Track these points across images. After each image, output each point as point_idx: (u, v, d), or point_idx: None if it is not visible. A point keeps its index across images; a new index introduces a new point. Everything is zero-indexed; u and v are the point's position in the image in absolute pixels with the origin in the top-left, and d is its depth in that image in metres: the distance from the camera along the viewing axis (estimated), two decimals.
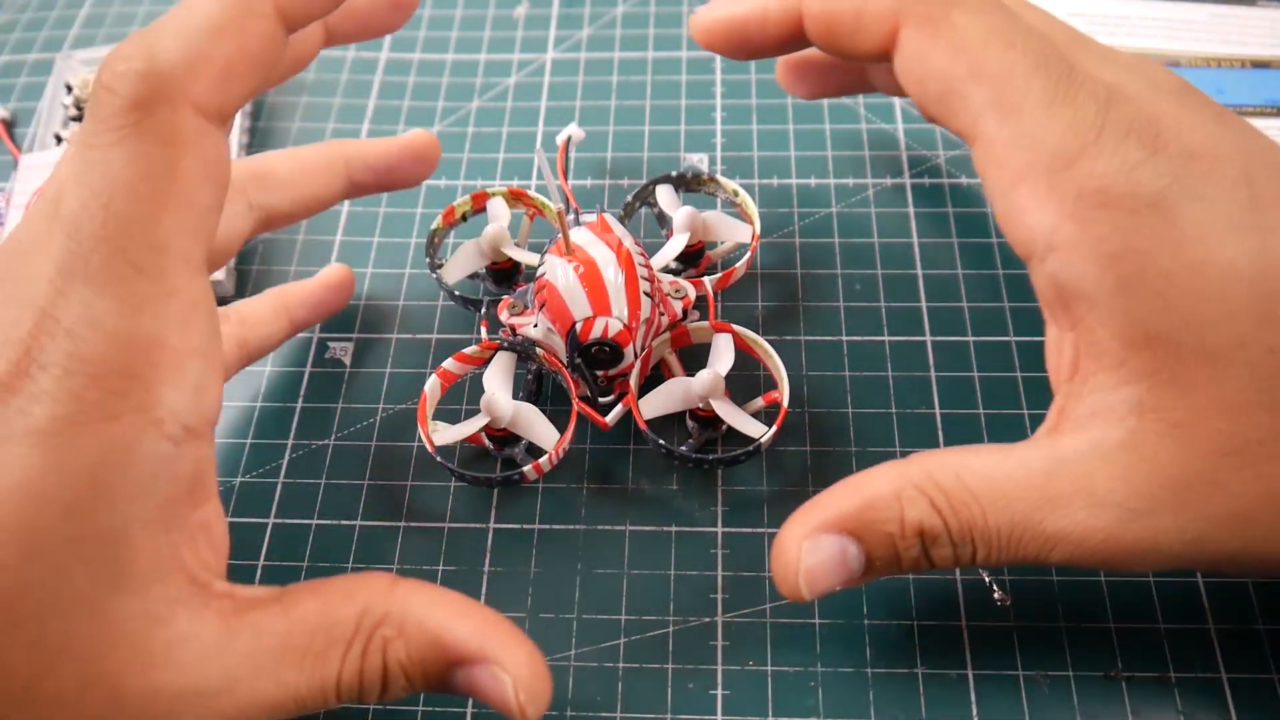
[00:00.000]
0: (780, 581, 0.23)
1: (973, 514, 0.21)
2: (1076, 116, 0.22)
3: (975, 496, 0.21)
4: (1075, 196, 0.21)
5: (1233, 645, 0.26)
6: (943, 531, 0.22)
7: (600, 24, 0.42)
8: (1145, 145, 0.21)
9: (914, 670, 0.26)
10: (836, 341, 0.32)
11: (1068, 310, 0.22)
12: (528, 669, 0.21)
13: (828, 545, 0.22)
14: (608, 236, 0.28)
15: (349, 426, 0.31)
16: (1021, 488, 0.21)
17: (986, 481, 0.22)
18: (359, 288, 0.34)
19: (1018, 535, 0.21)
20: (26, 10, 0.44)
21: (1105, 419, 0.21)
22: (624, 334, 0.27)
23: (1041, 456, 0.22)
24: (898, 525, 0.22)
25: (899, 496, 0.22)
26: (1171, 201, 0.21)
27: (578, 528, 0.29)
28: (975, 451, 0.22)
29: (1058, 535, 0.21)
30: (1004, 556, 0.22)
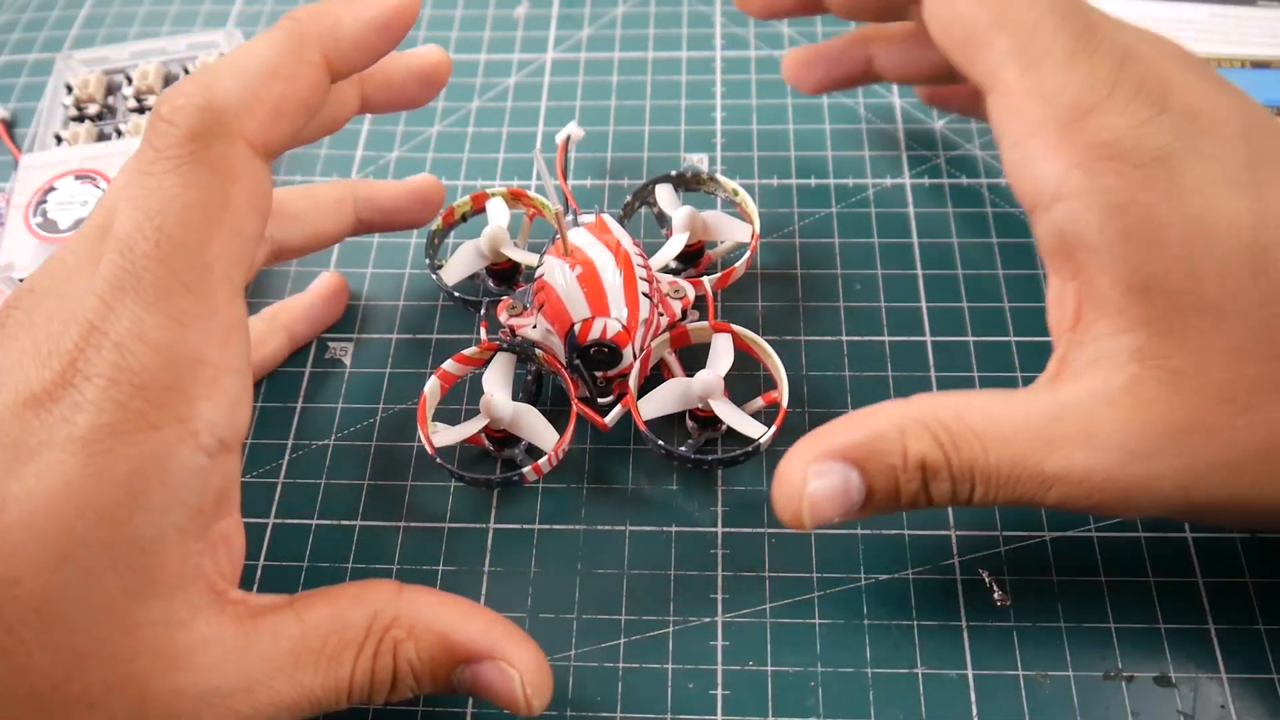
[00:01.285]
0: (783, 508, 0.23)
1: (974, 451, 0.22)
2: (1093, 72, 0.22)
3: (977, 434, 0.22)
4: (1085, 147, 0.22)
5: (1233, 645, 0.26)
6: (944, 466, 0.22)
7: (600, 24, 0.42)
8: (1153, 103, 0.22)
9: (914, 670, 0.26)
10: (836, 341, 0.32)
11: (1070, 259, 0.23)
12: (534, 664, 0.22)
13: (832, 473, 0.22)
14: (606, 238, 0.28)
15: (349, 426, 0.31)
16: (1023, 428, 0.22)
17: (988, 421, 0.22)
18: (359, 287, 0.34)
19: (1017, 474, 0.22)
20: (26, 10, 0.45)
21: (1106, 366, 0.22)
22: (622, 335, 0.27)
23: (1043, 401, 0.22)
24: (901, 457, 0.22)
25: (903, 430, 0.22)
26: (1175, 157, 0.22)
27: (578, 528, 0.29)
28: (977, 394, 0.23)
29: (1056, 475, 0.21)
30: (1001, 495, 0.22)
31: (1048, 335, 0.32)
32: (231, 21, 0.43)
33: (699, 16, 0.42)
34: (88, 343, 0.20)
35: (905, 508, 0.23)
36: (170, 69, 0.40)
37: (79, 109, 0.39)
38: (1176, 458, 0.21)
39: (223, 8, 0.44)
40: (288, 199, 0.29)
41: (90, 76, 0.39)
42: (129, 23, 0.44)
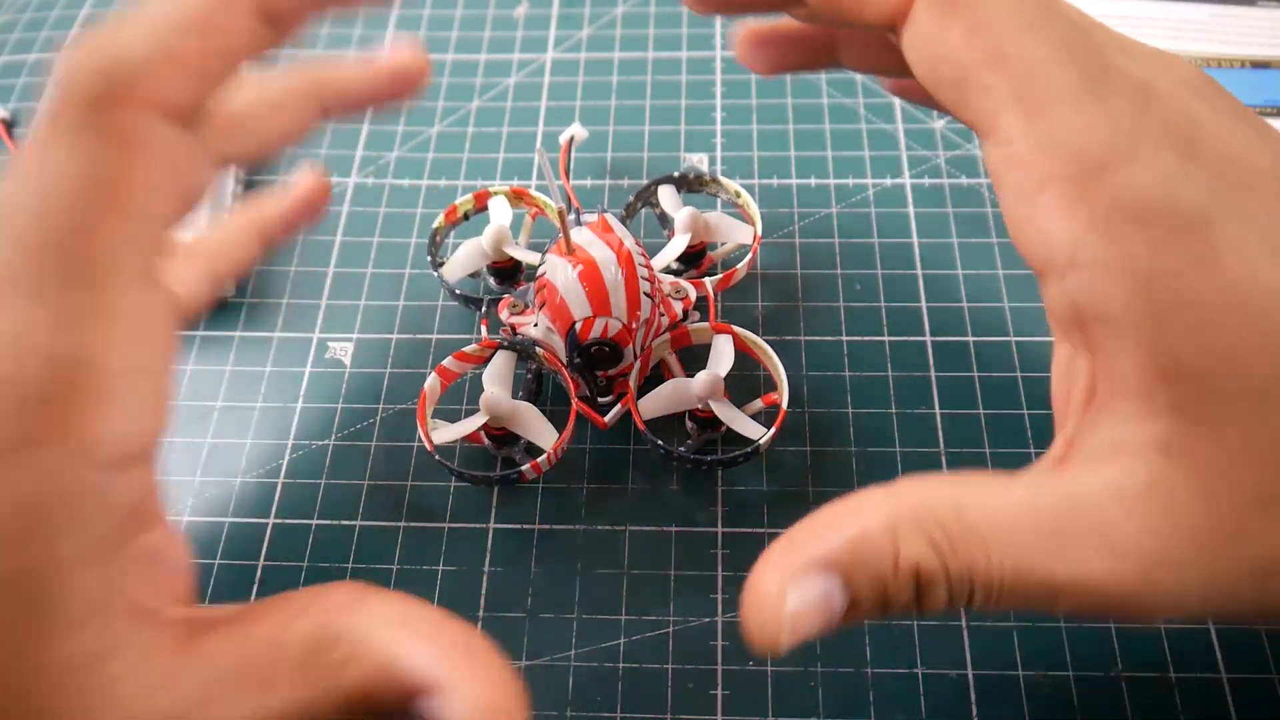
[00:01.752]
0: (756, 631, 0.19)
1: (974, 556, 0.19)
2: (1110, 118, 0.19)
3: (978, 536, 0.19)
4: (1106, 208, 0.19)
5: (1233, 645, 0.26)
6: (941, 574, 0.19)
7: (600, 24, 0.42)
8: (1181, 153, 0.19)
9: (914, 670, 0.26)
10: (836, 341, 0.32)
11: (1085, 333, 0.20)
12: (485, 699, 0.18)
13: (813, 588, 0.19)
14: (608, 237, 0.28)
15: (349, 426, 0.31)
16: (1029, 528, 0.19)
17: (990, 519, 0.19)
18: (359, 287, 0.34)
19: (1023, 581, 0.19)
20: (26, 10, 0.44)
21: (1125, 456, 0.19)
22: (623, 334, 0.27)
23: (1052, 494, 0.19)
24: (891, 565, 0.19)
25: (893, 531, 0.19)
26: (1210, 219, 0.19)
27: (578, 528, 0.29)
28: (975, 483, 0.20)
29: (1068, 584, 0.19)
30: (1003, 603, 0.19)
31: (1048, 336, 0.32)
32: None
33: (699, 16, 0.42)
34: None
35: (894, 614, 0.20)
36: None
37: None
38: (1203, 567, 0.19)
39: None
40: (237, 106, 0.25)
41: None
42: None
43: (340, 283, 0.35)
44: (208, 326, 0.34)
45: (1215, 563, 0.19)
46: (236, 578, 0.29)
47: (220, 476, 0.30)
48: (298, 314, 0.34)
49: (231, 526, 0.30)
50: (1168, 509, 0.19)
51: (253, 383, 0.32)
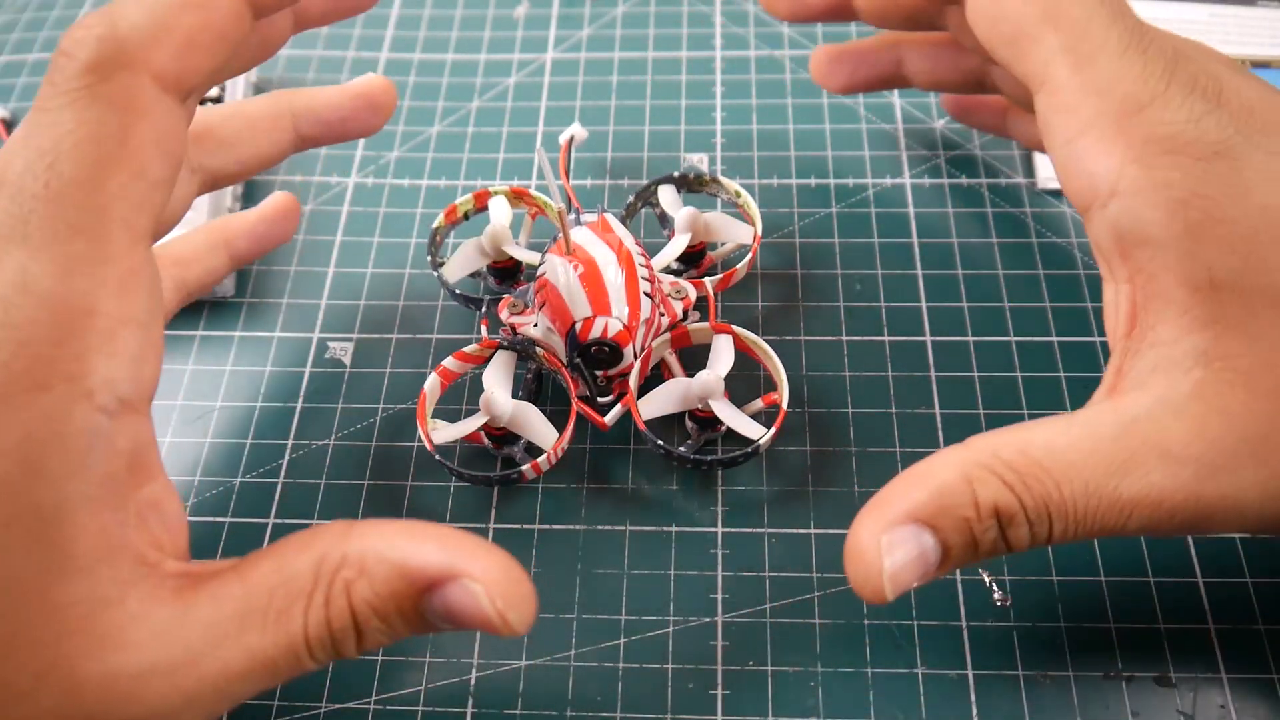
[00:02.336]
0: (861, 585, 0.21)
1: (1046, 488, 0.20)
2: (1147, 67, 0.22)
3: (1045, 469, 0.20)
4: (1143, 142, 0.21)
5: (1233, 645, 0.26)
6: (1019, 510, 0.20)
7: (600, 24, 0.42)
8: (1209, 99, 0.22)
9: (914, 670, 0.26)
10: (836, 341, 0.32)
11: (1128, 258, 0.22)
12: (501, 573, 0.20)
13: (906, 539, 0.20)
14: (608, 236, 0.28)
15: (349, 426, 0.31)
16: (1090, 455, 0.20)
17: (1053, 453, 0.20)
18: (359, 287, 0.34)
19: (1093, 505, 0.20)
20: (26, 10, 0.44)
21: (1170, 372, 0.21)
22: (624, 334, 0.27)
23: (1107, 420, 0.21)
24: (973, 508, 0.20)
25: (969, 479, 0.21)
26: (1236, 150, 0.21)
27: (578, 528, 0.29)
28: (1035, 425, 0.21)
29: (1135, 499, 0.20)
30: (1081, 530, 0.21)
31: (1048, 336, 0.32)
32: None
33: (699, 16, 0.42)
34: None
35: (984, 558, 0.21)
36: None
37: None
38: (1259, 465, 0.20)
39: None
40: (215, 121, 0.27)
41: None
42: None
43: (340, 283, 0.35)
44: (207, 326, 0.34)
45: (1270, 460, 0.20)
46: None
47: (220, 476, 0.30)
48: (298, 314, 0.34)
49: (231, 526, 0.30)
50: (1215, 414, 0.20)
51: (253, 383, 0.32)
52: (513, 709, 0.26)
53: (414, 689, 0.26)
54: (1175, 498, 0.20)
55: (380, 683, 0.27)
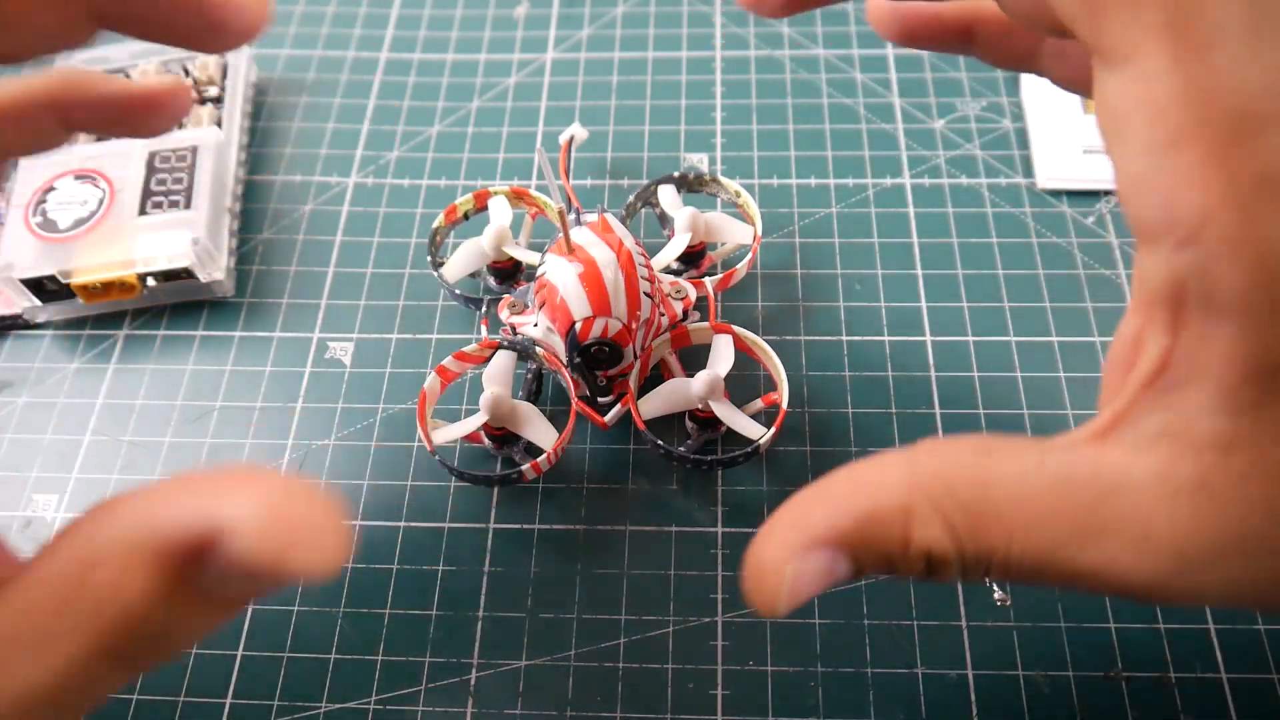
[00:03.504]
0: (755, 595, 0.19)
1: (994, 539, 0.18)
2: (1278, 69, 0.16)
3: (1001, 518, 0.18)
4: (1255, 182, 0.16)
5: (1233, 645, 0.26)
6: (955, 558, 0.18)
7: (600, 24, 0.42)
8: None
9: (914, 670, 0.26)
10: (836, 341, 0.32)
11: (1181, 312, 0.18)
12: (259, 507, 0.15)
13: (815, 562, 0.19)
14: (608, 236, 0.28)
15: (349, 426, 0.31)
16: (1058, 513, 0.18)
17: (1016, 499, 0.18)
18: (359, 287, 0.34)
19: (1043, 564, 0.18)
20: None
21: (1179, 446, 0.18)
22: (623, 334, 0.27)
23: (1088, 473, 0.18)
24: (901, 547, 0.18)
25: (908, 510, 0.18)
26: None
27: (578, 528, 0.29)
28: (1005, 453, 0.19)
29: (1091, 571, 0.18)
30: (1018, 579, 0.19)
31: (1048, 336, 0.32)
32: None
33: (699, 16, 0.42)
34: None
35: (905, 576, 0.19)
36: (170, 69, 0.40)
37: None
38: (1246, 567, 0.17)
39: None
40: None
41: None
42: None
43: (340, 283, 0.35)
44: (207, 326, 0.34)
45: (1261, 563, 0.17)
46: None
47: None
48: (298, 314, 0.34)
49: None
50: (1217, 508, 0.17)
51: (253, 383, 0.32)
52: (513, 709, 0.26)
53: (414, 689, 0.26)
54: (1135, 580, 0.17)
55: (380, 683, 0.27)
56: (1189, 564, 0.17)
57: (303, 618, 0.28)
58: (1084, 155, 0.36)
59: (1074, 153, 0.36)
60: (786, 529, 0.19)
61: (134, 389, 0.32)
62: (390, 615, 0.28)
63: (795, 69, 0.40)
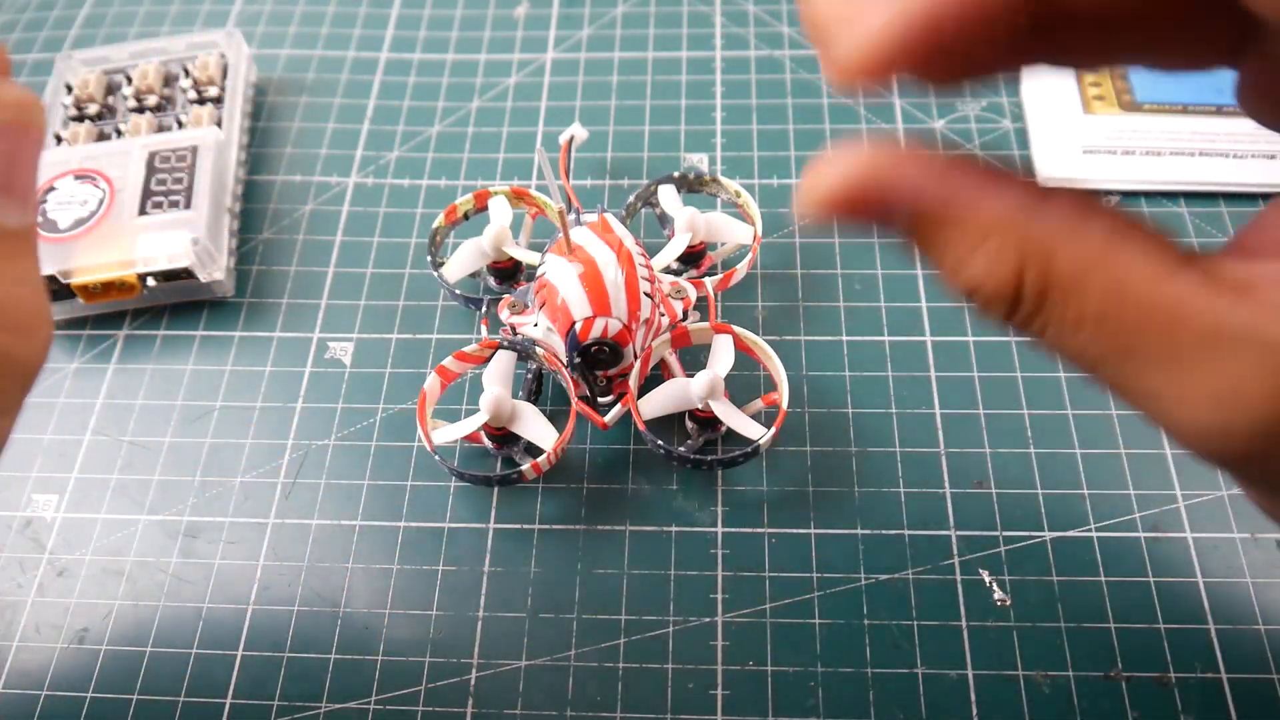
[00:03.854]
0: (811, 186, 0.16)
1: (1065, 315, 0.15)
2: None
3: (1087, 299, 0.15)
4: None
5: (1233, 645, 0.26)
6: (1008, 300, 0.16)
7: (600, 24, 0.42)
8: None
9: (914, 670, 0.26)
10: (836, 341, 0.32)
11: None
12: None
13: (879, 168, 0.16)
14: (609, 237, 0.28)
15: (349, 426, 0.31)
16: (1155, 326, 0.15)
17: (1118, 294, 0.15)
18: (359, 287, 0.34)
19: (1112, 363, 0.15)
20: (26, 10, 0.44)
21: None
22: (623, 334, 0.27)
23: (1208, 309, 0.15)
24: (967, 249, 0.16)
25: (985, 237, 0.16)
26: None
27: (578, 528, 0.29)
28: (1137, 250, 0.15)
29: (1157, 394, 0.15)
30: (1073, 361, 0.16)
31: None
32: (231, 21, 0.43)
33: (699, 16, 0.42)
34: None
35: None
36: (170, 69, 0.40)
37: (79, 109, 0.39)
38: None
39: (223, 8, 0.44)
40: None
41: (90, 76, 0.39)
42: (129, 23, 0.44)
43: (340, 283, 0.35)
44: (207, 326, 0.34)
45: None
46: (238, 577, 0.29)
47: (220, 476, 0.30)
48: (298, 314, 0.34)
49: (232, 526, 0.30)
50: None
51: (253, 383, 0.32)
52: (513, 709, 0.26)
53: (414, 689, 0.26)
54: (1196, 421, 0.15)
55: (380, 683, 0.27)
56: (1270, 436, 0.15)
57: (303, 618, 0.28)
58: (1084, 155, 0.36)
59: (1074, 153, 0.36)
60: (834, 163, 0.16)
61: (134, 389, 0.32)
62: (390, 615, 0.28)
63: (795, 69, 0.40)
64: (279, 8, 0.43)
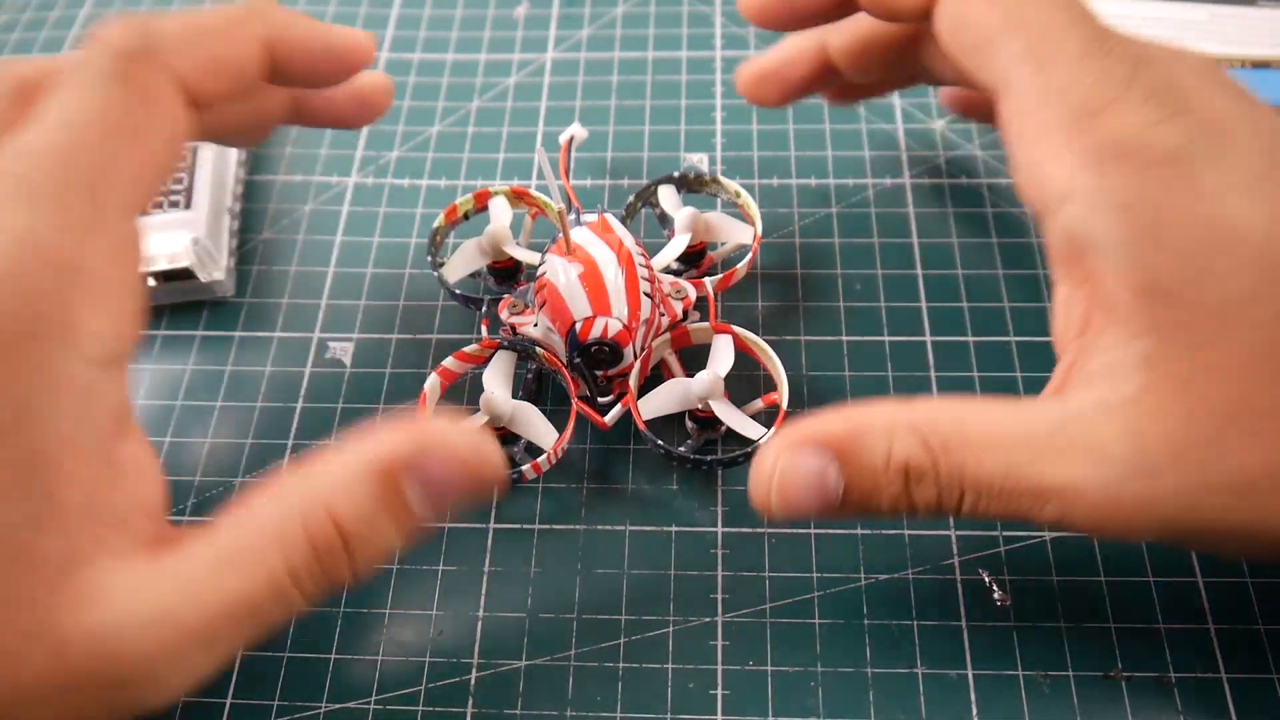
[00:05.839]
0: (753, 489, 0.22)
1: (965, 458, 0.21)
2: (1106, 71, 0.22)
3: (973, 442, 0.21)
4: (1096, 147, 0.21)
5: (1233, 645, 0.26)
6: (929, 471, 0.21)
7: (600, 24, 0.42)
8: (1169, 106, 0.21)
9: (914, 670, 0.26)
10: (836, 341, 0.32)
11: (1079, 263, 0.22)
12: (461, 433, 0.21)
13: (807, 460, 0.21)
14: (608, 236, 0.28)
15: (349, 426, 0.31)
16: (1022, 439, 0.21)
17: (988, 428, 0.21)
18: (359, 287, 0.34)
19: (1011, 486, 0.21)
20: (26, 10, 0.44)
21: (1114, 374, 0.21)
22: (624, 334, 0.27)
23: (1048, 411, 0.21)
24: (884, 458, 0.21)
25: (891, 431, 0.21)
26: (1189, 159, 0.21)
27: (578, 528, 0.29)
28: (981, 401, 0.22)
29: (1054, 489, 0.20)
30: (994, 508, 0.21)
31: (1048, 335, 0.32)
32: None
33: (699, 16, 0.42)
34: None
35: (888, 512, 0.22)
36: None
37: None
38: (1180, 474, 0.20)
39: None
40: None
41: None
42: None
43: (340, 283, 0.35)
44: (207, 326, 0.34)
45: (1193, 471, 0.20)
46: None
47: (220, 476, 0.30)
48: (298, 314, 0.34)
49: None
50: (1149, 419, 0.20)
51: (253, 383, 0.32)
52: (513, 709, 0.26)
53: (414, 689, 0.26)
54: (1094, 494, 0.20)
55: (380, 683, 0.27)
56: (1135, 472, 0.20)
57: (302, 618, 0.28)
58: None
59: None
60: (784, 433, 0.22)
61: (134, 389, 0.32)
62: (390, 615, 0.28)
63: None
64: None
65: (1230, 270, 0.20)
